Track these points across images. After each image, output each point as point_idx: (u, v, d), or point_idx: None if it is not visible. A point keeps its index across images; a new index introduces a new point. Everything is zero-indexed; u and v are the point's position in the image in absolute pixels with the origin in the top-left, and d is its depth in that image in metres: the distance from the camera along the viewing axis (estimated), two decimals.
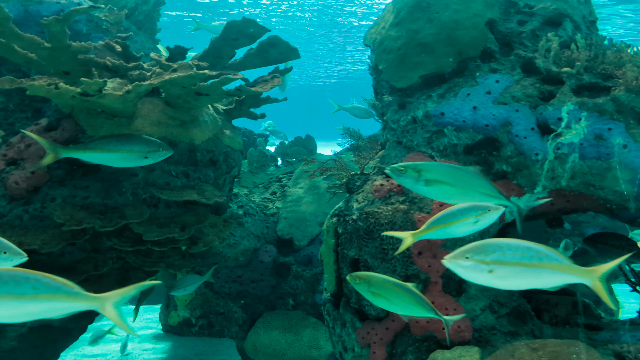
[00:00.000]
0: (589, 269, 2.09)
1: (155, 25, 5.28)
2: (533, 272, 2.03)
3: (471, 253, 2.06)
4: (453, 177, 2.49)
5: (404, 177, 2.48)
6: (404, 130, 3.75)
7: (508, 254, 2.02)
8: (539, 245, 2.07)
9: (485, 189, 2.54)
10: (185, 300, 8.50)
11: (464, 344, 3.34)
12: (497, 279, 2.05)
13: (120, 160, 3.32)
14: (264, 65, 4.09)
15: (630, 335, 3.24)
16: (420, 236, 2.69)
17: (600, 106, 3.20)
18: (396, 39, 3.77)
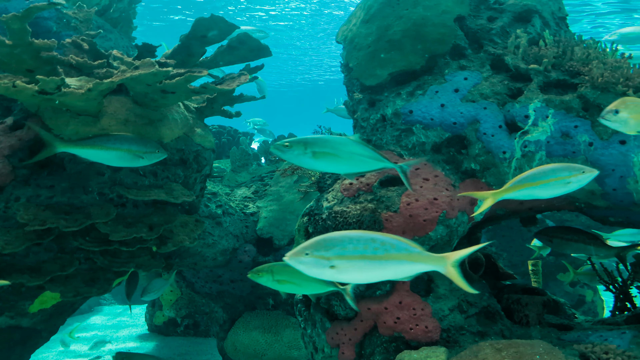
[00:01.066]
0: (441, 256, 2.06)
1: (131, 23, 5.23)
2: (378, 264, 2.00)
3: (311, 249, 2.00)
4: (338, 147, 2.50)
5: (290, 152, 2.47)
6: (373, 128, 3.71)
7: (349, 248, 1.97)
8: (386, 236, 2.02)
9: (370, 153, 2.57)
10: (170, 300, 8.46)
11: (432, 344, 3.31)
12: (340, 274, 2.00)
13: (117, 159, 3.33)
14: (235, 62, 4.05)
15: (598, 335, 3.21)
16: (502, 196, 2.64)
17: (567, 103, 3.17)
18: (366, 36, 3.73)
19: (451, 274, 2.07)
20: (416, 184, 3.40)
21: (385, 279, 2.08)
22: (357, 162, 2.54)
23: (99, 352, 7.04)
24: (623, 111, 2.63)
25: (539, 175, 2.54)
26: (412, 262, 2.04)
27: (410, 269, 2.06)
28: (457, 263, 2.08)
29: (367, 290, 3.39)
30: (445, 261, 2.06)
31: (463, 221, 3.40)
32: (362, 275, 2.03)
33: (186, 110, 4.05)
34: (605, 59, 3.15)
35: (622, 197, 3.15)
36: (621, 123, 2.65)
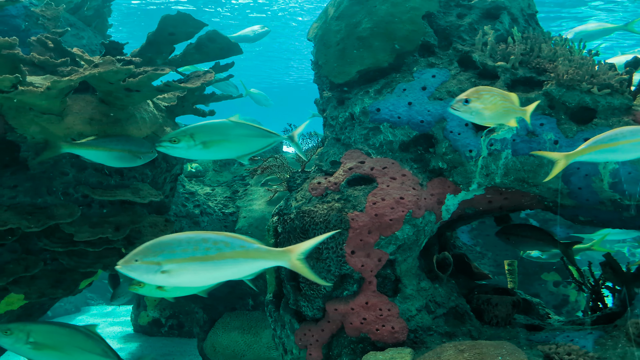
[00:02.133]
0: (284, 250, 2.00)
1: (106, 21, 5.17)
2: (212, 265, 1.92)
3: (140, 255, 1.93)
4: (227, 131, 2.45)
5: (179, 147, 2.41)
6: (342, 126, 3.67)
7: (178, 250, 1.90)
8: (220, 235, 1.96)
9: (258, 131, 2.53)
10: (154, 300, 8.41)
11: (399, 345, 3.27)
12: (171, 278, 1.92)
13: (117, 159, 3.38)
14: (205, 60, 4.00)
15: (565, 335, 3.18)
16: (575, 157, 2.59)
17: (533, 101, 3.13)
18: (336, 33, 3.69)
19: (297, 267, 2.00)
20: (383, 183, 3.36)
21: (224, 279, 2.00)
22: (249, 142, 2.49)
23: None
24: (475, 101, 2.56)
25: (617, 137, 2.44)
26: (250, 260, 1.96)
27: (250, 267, 1.98)
28: (303, 255, 2.00)
29: (334, 290, 3.35)
30: (289, 255, 1.99)
31: (430, 220, 3.36)
32: (197, 277, 1.95)
33: (156, 109, 4.01)
34: (572, 56, 3.11)
35: (588, 196, 3.12)
36: (472, 114, 2.58)
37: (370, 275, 3.27)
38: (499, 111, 2.60)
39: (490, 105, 2.59)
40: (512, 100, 2.71)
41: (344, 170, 3.47)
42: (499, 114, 2.63)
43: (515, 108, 2.70)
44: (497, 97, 2.60)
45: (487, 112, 2.60)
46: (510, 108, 2.67)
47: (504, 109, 2.61)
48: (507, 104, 2.64)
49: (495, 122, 2.74)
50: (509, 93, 2.74)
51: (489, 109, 2.58)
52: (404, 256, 3.31)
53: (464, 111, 2.62)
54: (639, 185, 2.94)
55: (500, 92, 2.67)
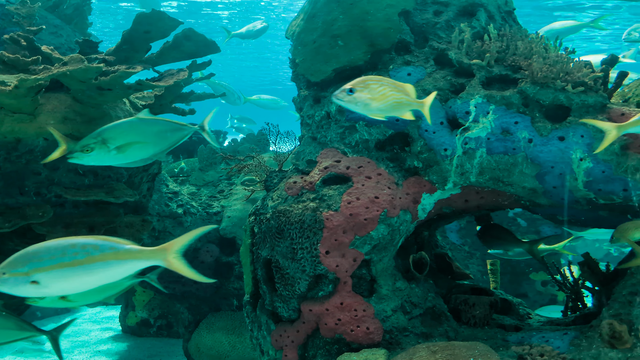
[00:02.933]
0: (157, 249, 1.91)
1: (86, 19, 5.13)
2: (82, 270, 1.84)
3: (8, 267, 1.81)
4: (140, 131, 2.36)
5: (92, 155, 2.32)
6: (318, 125, 3.64)
7: (45, 258, 1.81)
8: (89, 239, 1.89)
9: (171, 126, 2.46)
10: (143, 300, 8.36)
11: (374, 346, 3.24)
12: (43, 288, 1.83)
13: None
14: (183, 59, 3.96)
15: (541, 336, 3.15)
16: (628, 129, 2.53)
17: (508, 99, 3.10)
18: (312, 31, 3.65)
19: (173, 265, 1.92)
20: (358, 182, 3.32)
21: (99, 283, 1.92)
22: (163, 138, 2.42)
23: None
24: (360, 91, 2.47)
25: None
26: (122, 261, 1.88)
27: (123, 269, 1.91)
28: (180, 252, 1.94)
29: (309, 291, 3.32)
30: (164, 253, 1.91)
31: (406, 220, 3.33)
32: (69, 284, 1.86)
33: (132, 108, 3.96)
34: (547, 54, 3.08)
35: (563, 195, 3.09)
36: (357, 104, 2.49)
37: (345, 275, 3.23)
38: (389, 103, 2.50)
39: (378, 96, 2.48)
40: (407, 91, 2.60)
41: (320, 170, 3.44)
42: (391, 106, 2.52)
43: (410, 100, 2.59)
44: (386, 88, 2.49)
45: (375, 103, 2.48)
46: (404, 100, 2.56)
47: (395, 101, 2.51)
48: (400, 96, 2.54)
49: (386, 114, 2.62)
50: (404, 84, 2.63)
51: (377, 99, 2.48)
52: (379, 256, 3.28)
53: (347, 101, 2.50)
54: (613, 183, 2.91)
55: (392, 83, 2.55)
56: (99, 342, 7.96)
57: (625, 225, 2.91)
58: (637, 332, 2.76)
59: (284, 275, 3.37)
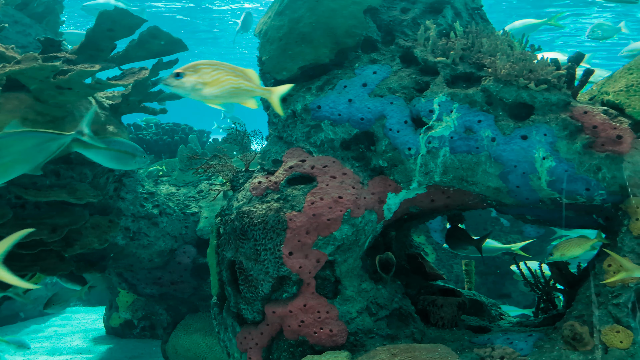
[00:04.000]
0: None
1: (58, 18, 5.06)
2: None
3: None
4: (9, 148, 2.20)
5: None
6: (284, 124, 3.59)
7: None
8: None
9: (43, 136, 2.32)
10: (126, 301, 8.29)
11: (337, 349, 3.19)
12: None
13: (114, 160, 3.42)
14: (149, 57, 3.90)
15: (506, 338, 3.11)
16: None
17: (471, 97, 3.06)
18: (279, 28, 3.60)
19: None
20: (323, 182, 3.27)
21: None
22: (37, 153, 2.30)
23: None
24: (190, 75, 2.27)
25: None
26: None
27: None
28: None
29: (273, 293, 3.27)
30: None
31: (371, 220, 3.28)
32: None
33: (98, 107, 3.90)
34: (511, 51, 3.04)
35: (527, 195, 3.05)
36: (186, 89, 2.29)
37: (308, 276, 3.18)
38: (225, 88, 2.31)
39: (211, 81, 2.28)
40: (249, 77, 2.42)
41: (285, 169, 3.39)
42: (228, 92, 2.34)
43: (252, 87, 2.41)
44: (221, 72, 2.30)
45: (208, 89, 2.30)
46: (243, 86, 2.38)
47: (233, 87, 2.32)
48: (239, 81, 2.35)
49: (223, 102, 2.43)
50: (247, 70, 2.44)
51: (210, 84, 2.28)
52: (343, 257, 3.23)
53: (175, 86, 2.29)
54: (575, 183, 2.87)
55: (230, 67, 2.36)
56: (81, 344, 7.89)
57: (564, 243, 3.03)
58: (599, 333, 2.72)
59: (247, 277, 3.32)
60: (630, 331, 2.63)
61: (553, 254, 3.01)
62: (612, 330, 2.67)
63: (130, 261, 5.40)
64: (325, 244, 3.17)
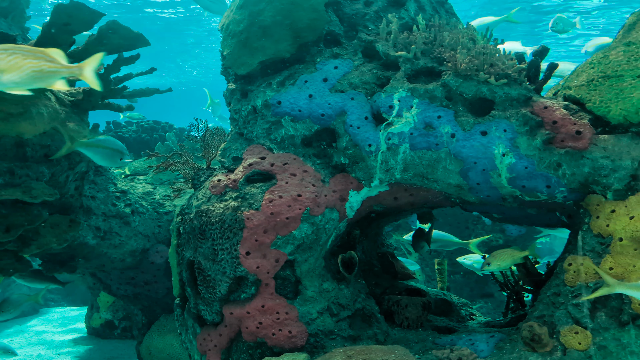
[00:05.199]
0: None
1: (24, 13, 4.95)
2: None
3: None
4: None
5: None
6: (245, 120, 3.50)
7: None
8: None
9: None
10: (107, 301, 8.19)
11: (297, 350, 3.11)
12: None
13: (105, 157, 3.58)
14: (111, 52, 3.79)
15: (468, 339, 3.03)
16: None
17: (431, 92, 2.98)
18: (239, 22, 3.51)
19: None
20: (282, 179, 3.19)
21: None
22: None
23: None
24: None
25: None
26: None
27: None
28: None
29: (231, 293, 3.18)
30: None
31: (332, 218, 3.20)
32: None
33: (58, 104, 3.80)
34: (472, 45, 2.96)
35: (488, 192, 2.97)
36: None
37: (267, 277, 3.10)
38: (26, 73, 2.09)
39: (7, 67, 2.06)
40: (52, 57, 2.20)
41: (244, 167, 3.30)
42: (30, 77, 2.12)
43: (57, 67, 2.19)
44: (19, 56, 2.07)
45: (5, 76, 2.08)
46: (45, 68, 2.16)
47: (34, 70, 2.11)
48: (41, 64, 2.13)
49: (28, 87, 2.18)
50: (48, 50, 2.22)
51: (8, 71, 2.06)
52: (304, 256, 3.15)
53: None
54: (536, 179, 2.79)
55: (29, 50, 2.14)
56: (61, 345, 7.78)
57: (500, 253, 3.08)
58: (558, 334, 2.65)
59: (205, 277, 3.23)
60: (588, 332, 2.56)
61: (490, 263, 3.00)
62: (571, 331, 2.60)
63: (102, 261, 5.30)
64: (284, 243, 3.09)
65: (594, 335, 2.54)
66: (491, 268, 2.96)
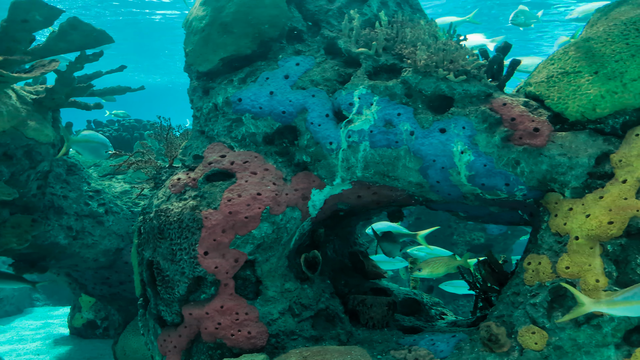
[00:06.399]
0: None
1: None
2: None
3: None
4: None
5: None
6: (206, 118, 3.44)
7: None
8: None
9: None
10: (89, 301, 8.12)
11: (257, 351, 3.06)
12: None
13: (92, 151, 3.87)
14: (73, 49, 3.73)
15: (429, 339, 2.99)
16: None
17: (391, 89, 2.93)
18: (202, 19, 3.45)
19: None
20: (242, 178, 3.14)
21: None
22: None
23: None
24: None
25: None
26: None
27: None
28: None
29: (191, 294, 3.13)
30: None
31: (293, 217, 3.15)
32: None
33: (19, 102, 3.73)
34: (432, 42, 2.91)
35: (449, 190, 2.93)
36: None
37: (226, 277, 3.05)
38: None
39: None
40: None
41: (204, 165, 3.25)
42: None
43: None
44: None
45: None
46: None
47: None
48: None
49: None
50: None
51: None
52: (265, 256, 3.10)
53: None
54: (495, 177, 2.75)
55: None
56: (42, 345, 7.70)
57: (434, 261, 3.15)
58: (516, 334, 2.61)
59: (164, 277, 3.18)
60: (545, 332, 2.52)
61: (422, 269, 2.98)
62: (528, 331, 2.56)
63: (74, 261, 5.24)
64: (243, 243, 3.03)
65: (550, 335, 2.51)
66: (421, 274, 2.93)
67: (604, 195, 2.48)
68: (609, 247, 2.42)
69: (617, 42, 2.61)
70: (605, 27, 2.73)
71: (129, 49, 19.45)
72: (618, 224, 2.39)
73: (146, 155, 3.54)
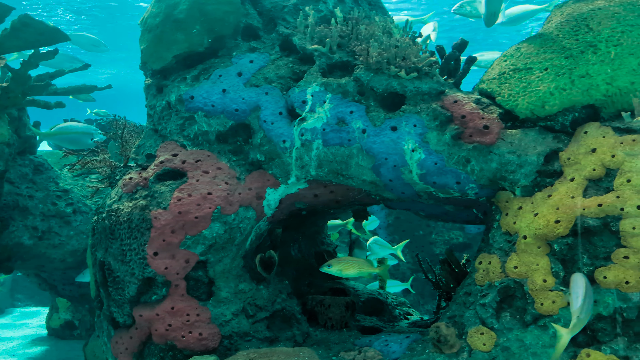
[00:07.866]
0: None
1: None
2: None
3: None
4: None
5: None
6: (160, 116, 3.37)
7: None
8: None
9: None
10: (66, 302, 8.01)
11: (209, 353, 3.00)
12: None
13: (73, 142, 4.00)
14: (26, 47, 3.66)
15: (383, 340, 2.95)
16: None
17: (344, 87, 2.88)
18: (156, 15, 3.39)
19: None
20: (193, 177, 3.07)
21: None
22: None
23: None
24: None
25: None
26: None
27: None
28: None
29: (142, 295, 3.06)
30: None
31: (247, 217, 3.09)
32: None
33: None
34: (385, 39, 2.86)
35: (402, 189, 2.88)
36: None
37: (176, 278, 2.98)
38: None
39: None
40: None
41: (156, 164, 3.18)
42: None
43: None
44: None
45: None
46: None
47: None
48: None
49: None
50: None
51: None
52: (217, 256, 3.04)
53: None
54: (446, 176, 2.71)
55: None
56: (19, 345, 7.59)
57: (347, 260, 3.09)
58: (466, 335, 2.57)
59: (115, 278, 3.11)
60: (493, 332, 2.48)
61: (331, 265, 2.93)
62: (477, 331, 2.52)
63: (41, 261, 5.15)
64: (194, 244, 2.97)
65: (499, 335, 2.47)
66: (330, 270, 2.89)
67: (552, 193, 2.44)
68: (556, 247, 2.38)
69: (568, 39, 2.57)
70: (557, 23, 2.69)
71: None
72: (565, 223, 2.35)
73: (100, 155, 3.47)
